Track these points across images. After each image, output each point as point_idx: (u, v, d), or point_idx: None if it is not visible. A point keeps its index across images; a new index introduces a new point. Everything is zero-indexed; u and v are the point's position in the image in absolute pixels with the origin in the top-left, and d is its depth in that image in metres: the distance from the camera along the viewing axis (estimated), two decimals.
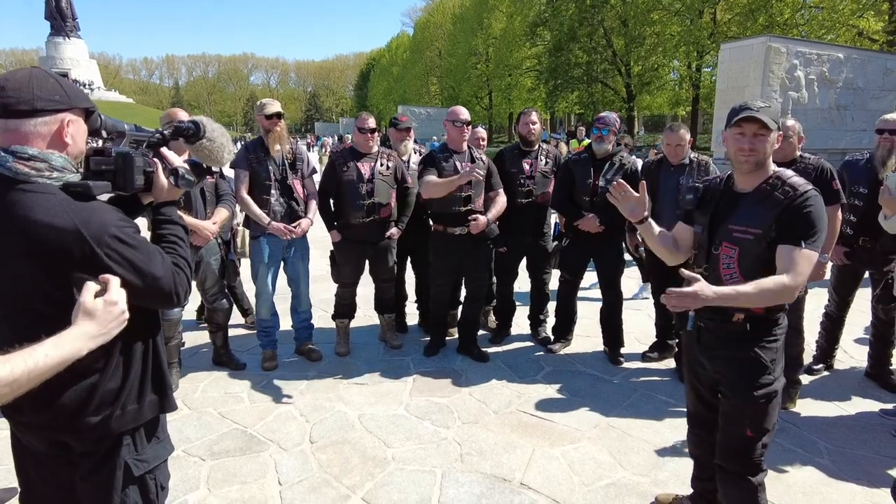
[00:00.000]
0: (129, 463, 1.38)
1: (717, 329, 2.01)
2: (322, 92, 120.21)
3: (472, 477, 2.72)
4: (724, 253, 1.96)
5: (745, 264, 1.91)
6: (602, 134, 3.86)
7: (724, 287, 1.82)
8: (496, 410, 3.39)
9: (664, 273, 3.85)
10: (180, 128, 1.48)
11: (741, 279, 1.90)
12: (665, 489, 2.63)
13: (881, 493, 2.58)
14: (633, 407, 3.43)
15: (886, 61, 13.89)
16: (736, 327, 1.95)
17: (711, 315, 2.00)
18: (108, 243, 1.21)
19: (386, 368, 4.00)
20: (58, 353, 1.07)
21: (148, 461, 1.42)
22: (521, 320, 4.66)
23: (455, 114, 3.85)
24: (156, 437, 1.47)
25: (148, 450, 1.43)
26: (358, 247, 4.02)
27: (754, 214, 1.89)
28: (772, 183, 1.89)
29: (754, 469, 1.99)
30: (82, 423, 1.30)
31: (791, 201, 1.82)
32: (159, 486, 1.48)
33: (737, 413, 1.98)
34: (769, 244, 1.85)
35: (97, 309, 1.13)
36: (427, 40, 57.86)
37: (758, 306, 1.87)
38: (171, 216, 1.45)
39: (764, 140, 1.87)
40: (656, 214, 3.72)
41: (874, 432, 3.13)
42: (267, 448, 2.97)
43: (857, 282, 3.70)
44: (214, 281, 3.72)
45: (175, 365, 3.68)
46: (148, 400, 1.41)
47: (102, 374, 1.31)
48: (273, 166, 3.77)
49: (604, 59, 32.96)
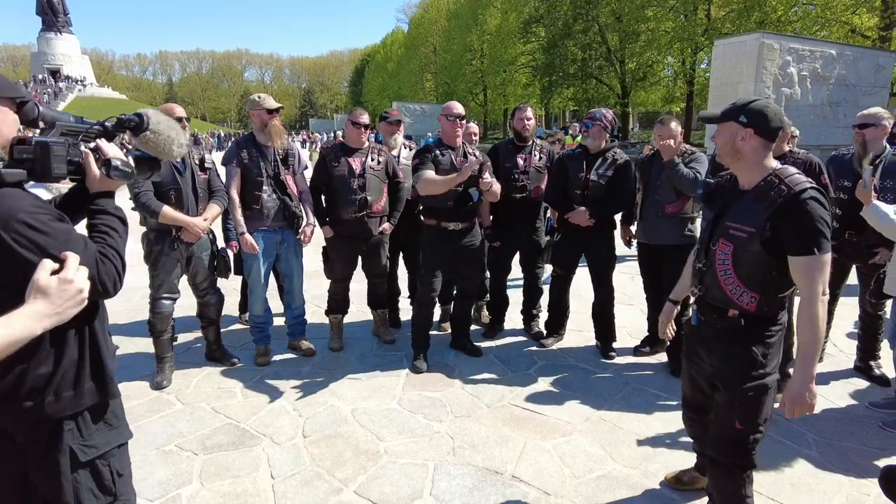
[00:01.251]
0: (75, 448, 1.38)
1: (714, 323, 2.03)
2: (317, 88, 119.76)
3: (463, 470, 2.74)
4: (720, 249, 1.97)
5: (741, 265, 1.91)
6: (587, 127, 3.89)
7: (797, 373, 1.84)
8: (488, 404, 3.41)
9: (657, 269, 3.90)
10: (122, 120, 1.50)
11: (736, 279, 1.92)
12: (655, 481, 2.65)
13: (868, 484, 2.62)
14: (624, 400, 3.46)
15: (878, 58, 13.97)
16: (731, 322, 1.97)
17: (710, 310, 2.04)
18: (16, 228, 1.19)
19: (379, 363, 4.01)
20: (8, 332, 1.05)
21: (97, 447, 1.42)
22: (515, 315, 4.68)
23: (449, 108, 3.82)
24: (105, 422, 1.47)
25: (97, 435, 1.43)
26: (350, 242, 4.02)
27: (750, 212, 1.88)
28: (769, 181, 1.87)
29: (744, 462, 2.01)
30: (15, 408, 1.30)
31: (785, 200, 1.80)
32: (115, 473, 1.47)
33: (727, 406, 2.00)
34: (763, 244, 1.84)
35: (51, 287, 1.12)
36: (422, 36, 57.74)
37: (820, 338, 1.85)
38: (105, 207, 1.44)
39: (721, 134, 1.93)
40: (649, 207, 3.77)
41: (862, 424, 3.17)
42: (260, 442, 2.98)
43: (844, 276, 3.73)
44: (205, 276, 3.72)
45: (168, 360, 3.68)
46: (86, 387, 1.40)
47: (32, 359, 1.30)
48: (265, 162, 3.76)
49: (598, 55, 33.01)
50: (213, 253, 3.73)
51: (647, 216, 3.80)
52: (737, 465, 2.01)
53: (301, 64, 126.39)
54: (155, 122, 1.52)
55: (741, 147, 1.88)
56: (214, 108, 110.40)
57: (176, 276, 3.57)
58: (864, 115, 3.48)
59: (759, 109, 1.86)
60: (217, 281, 3.84)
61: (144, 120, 1.51)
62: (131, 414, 3.25)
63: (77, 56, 62.03)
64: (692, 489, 2.55)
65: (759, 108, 1.86)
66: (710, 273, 2.00)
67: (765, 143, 1.88)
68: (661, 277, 3.95)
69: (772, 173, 1.88)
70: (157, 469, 2.73)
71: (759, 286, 1.90)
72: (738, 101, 1.91)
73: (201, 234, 3.54)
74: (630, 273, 6.28)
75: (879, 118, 3.41)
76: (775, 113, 1.87)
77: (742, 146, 1.88)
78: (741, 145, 1.88)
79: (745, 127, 1.86)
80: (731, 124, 1.89)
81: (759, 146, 1.87)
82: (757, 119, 1.85)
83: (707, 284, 2.04)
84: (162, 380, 3.60)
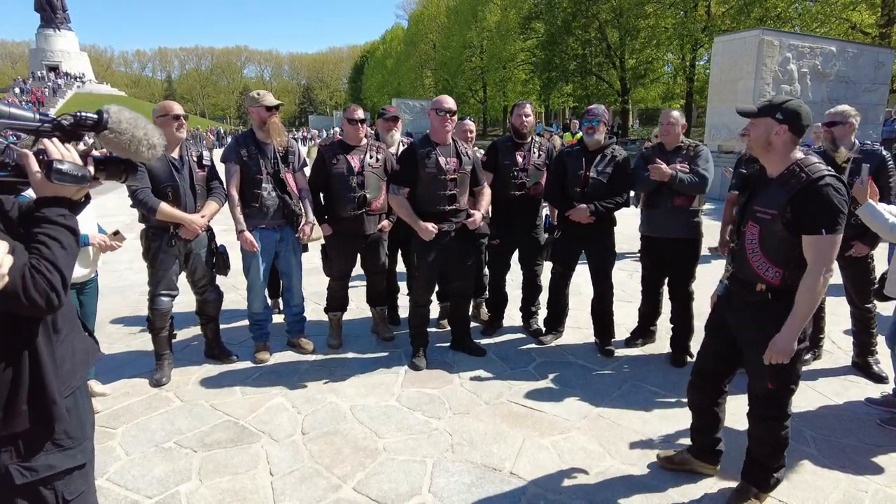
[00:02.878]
0: (11, 469, 1.28)
1: (744, 297, 2.29)
2: (316, 85, 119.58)
3: (462, 466, 2.75)
4: (749, 231, 2.22)
5: (766, 243, 2.16)
6: (593, 125, 3.88)
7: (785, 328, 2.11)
8: (487, 401, 3.41)
9: (661, 263, 3.92)
10: (78, 118, 1.34)
11: (762, 256, 2.18)
12: (653, 477, 2.66)
13: (866, 481, 2.62)
14: (622, 397, 3.46)
15: (878, 54, 13.94)
16: (759, 297, 2.22)
17: (740, 285, 2.32)
18: None
19: (378, 360, 4.01)
20: None
21: (37, 470, 1.31)
22: (513, 312, 4.68)
23: (439, 102, 3.69)
24: (56, 443, 1.35)
25: (41, 457, 1.32)
26: (349, 240, 4.02)
27: (774, 196, 2.12)
28: (791, 169, 2.10)
29: (778, 413, 2.29)
30: None
31: (805, 185, 2.03)
32: (61, 499, 1.35)
33: (759, 369, 2.24)
34: (785, 224, 2.08)
35: None
36: (421, 33, 57.61)
37: (814, 306, 2.10)
38: (47, 215, 1.28)
39: (756, 127, 2.15)
40: (658, 200, 3.77)
41: (860, 421, 3.17)
42: (258, 439, 2.98)
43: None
44: (204, 273, 3.71)
45: (167, 357, 3.68)
46: (20, 410, 1.28)
47: None
48: (265, 160, 3.75)
49: (598, 51, 32.99)
50: (211, 250, 3.73)
51: (656, 209, 3.82)
52: (771, 417, 2.29)
53: (300, 60, 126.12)
54: (116, 121, 1.36)
55: (774, 140, 2.11)
56: (214, 105, 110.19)
57: (174, 273, 3.56)
58: (832, 114, 3.59)
59: (794, 109, 2.08)
60: (216, 278, 3.84)
61: (103, 118, 1.34)
62: (130, 411, 3.25)
63: (76, 52, 61.87)
64: (682, 469, 2.67)
65: (794, 107, 2.09)
66: (740, 251, 2.27)
67: (794, 139, 2.11)
68: (662, 272, 3.99)
69: (795, 163, 2.11)
70: (156, 466, 2.74)
71: (783, 263, 2.13)
72: (773, 100, 2.14)
73: (199, 231, 3.54)
74: (629, 270, 6.29)
75: (846, 116, 3.52)
76: (807, 113, 2.11)
77: (775, 140, 2.11)
78: (774, 139, 2.11)
79: (781, 123, 2.08)
80: (767, 119, 2.11)
81: (789, 140, 2.11)
82: (791, 117, 2.08)
83: (738, 261, 2.31)
84: (161, 377, 3.60)
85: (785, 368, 2.17)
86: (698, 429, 2.63)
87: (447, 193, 3.69)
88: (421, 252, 3.82)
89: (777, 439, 2.32)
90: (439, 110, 3.67)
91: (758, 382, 2.29)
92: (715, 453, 2.62)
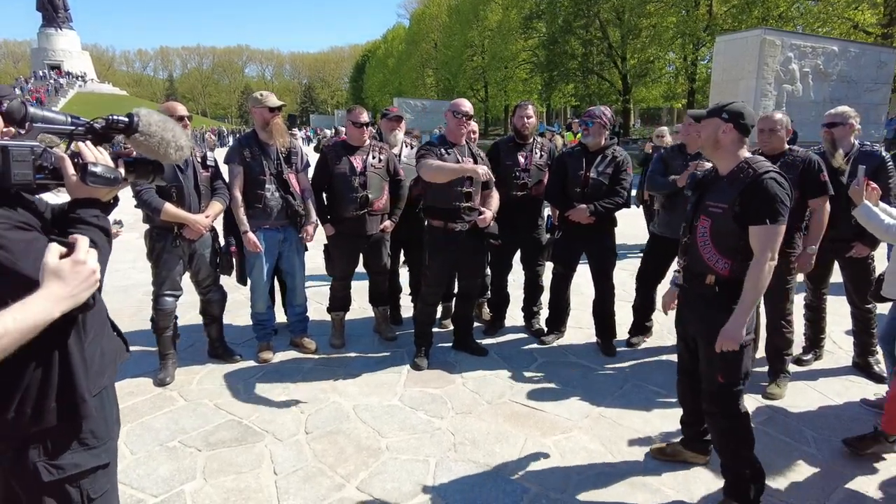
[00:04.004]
0: (39, 467, 1.29)
1: (694, 289, 2.41)
2: (317, 84, 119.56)
3: (464, 466, 2.76)
4: (701, 224, 2.35)
5: (716, 236, 2.28)
6: (587, 126, 3.91)
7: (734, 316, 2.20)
8: (489, 401, 3.43)
9: (664, 257, 3.93)
10: (110, 121, 1.38)
11: (713, 248, 2.30)
12: (655, 477, 2.67)
13: (866, 481, 2.64)
14: (623, 397, 3.48)
15: (880, 54, 13.94)
16: (708, 289, 2.33)
17: (691, 277, 2.43)
18: None
19: (380, 360, 4.03)
20: (26, 315, 1.03)
21: (64, 468, 1.32)
22: (515, 312, 4.70)
23: (458, 105, 3.75)
24: (81, 442, 1.36)
25: (67, 455, 1.33)
26: (351, 240, 4.04)
27: (725, 192, 2.26)
28: (740, 166, 2.25)
29: (729, 410, 2.34)
30: None
31: (751, 180, 2.17)
32: (86, 497, 1.36)
33: (709, 362, 2.36)
34: (734, 217, 2.20)
35: (63, 269, 1.09)
36: (423, 32, 57.58)
37: (758, 294, 2.22)
38: (83, 216, 1.30)
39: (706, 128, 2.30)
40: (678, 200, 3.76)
41: (860, 422, 3.18)
42: (262, 438, 3.01)
43: (827, 269, 3.75)
44: (208, 273, 3.73)
45: (171, 356, 3.70)
46: (50, 407, 1.29)
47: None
48: (268, 160, 3.77)
49: (599, 50, 32.95)
50: (215, 250, 3.75)
51: (675, 210, 3.80)
52: (724, 414, 2.35)
53: (302, 60, 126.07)
54: (146, 124, 1.40)
55: (721, 139, 2.25)
56: (215, 105, 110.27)
57: (178, 273, 3.59)
58: (832, 115, 3.60)
59: (738, 110, 2.24)
60: (220, 278, 3.86)
61: (133, 121, 1.38)
62: (135, 410, 3.27)
63: (77, 52, 61.99)
64: (674, 460, 2.77)
65: (738, 108, 2.25)
66: (692, 245, 2.39)
67: (740, 137, 2.25)
68: (664, 271, 4.04)
69: (744, 160, 2.25)
70: (161, 465, 2.76)
71: (731, 253, 2.26)
72: (720, 103, 2.31)
73: (203, 231, 3.56)
74: (630, 270, 6.29)
75: (846, 117, 3.53)
76: (750, 114, 2.26)
77: (722, 138, 2.25)
78: (722, 137, 2.25)
79: (726, 122, 2.23)
80: (715, 119, 2.26)
81: (736, 139, 2.25)
82: (735, 117, 2.23)
83: (690, 255, 2.42)
84: (165, 376, 3.62)
85: (735, 361, 2.27)
86: (686, 421, 2.73)
87: (464, 191, 3.71)
88: (433, 251, 3.85)
89: (736, 438, 2.35)
90: (457, 112, 3.72)
91: (709, 377, 2.37)
92: (703, 443, 2.70)
